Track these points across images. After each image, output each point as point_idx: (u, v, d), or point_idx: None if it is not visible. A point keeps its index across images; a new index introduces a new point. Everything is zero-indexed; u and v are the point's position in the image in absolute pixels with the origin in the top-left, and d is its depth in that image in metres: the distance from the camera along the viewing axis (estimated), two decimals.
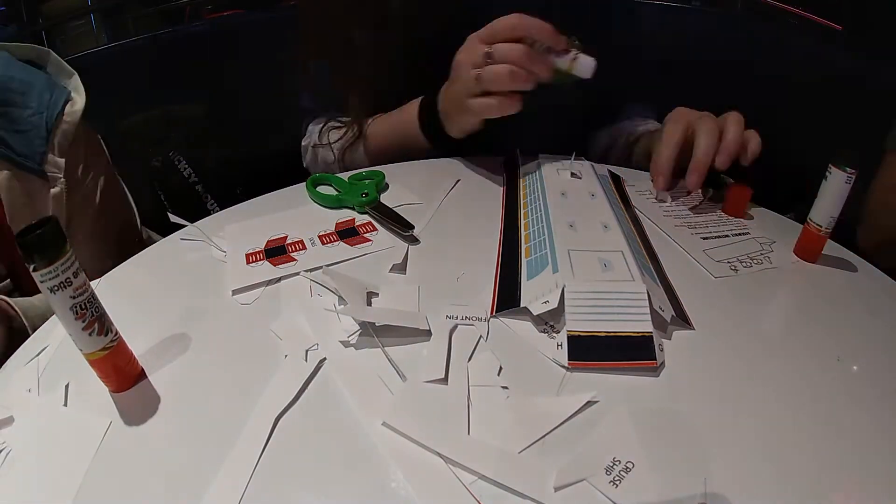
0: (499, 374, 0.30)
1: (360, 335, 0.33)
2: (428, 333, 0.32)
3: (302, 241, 0.42)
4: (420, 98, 0.57)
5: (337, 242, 0.42)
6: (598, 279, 0.33)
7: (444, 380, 0.30)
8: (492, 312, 0.34)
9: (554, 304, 0.32)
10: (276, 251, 0.41)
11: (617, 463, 0.25)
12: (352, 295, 0.35)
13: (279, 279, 0.38)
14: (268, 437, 0.27)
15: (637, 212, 0.46)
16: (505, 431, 0.27)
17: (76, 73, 0.51)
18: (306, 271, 0.39)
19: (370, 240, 0.42)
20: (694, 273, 0.39)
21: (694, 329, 0.33)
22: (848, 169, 0.36)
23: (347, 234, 0.43)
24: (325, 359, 0.31)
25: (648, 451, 0.26)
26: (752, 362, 0.31)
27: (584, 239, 0.37)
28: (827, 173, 0.37)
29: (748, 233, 0.43)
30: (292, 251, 0.41)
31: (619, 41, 0.56)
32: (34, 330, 0.36)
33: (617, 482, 0.25)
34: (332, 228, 0.43)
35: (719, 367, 0.31)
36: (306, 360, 0.31)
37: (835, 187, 0.37)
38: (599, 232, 0.38)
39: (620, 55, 0.51)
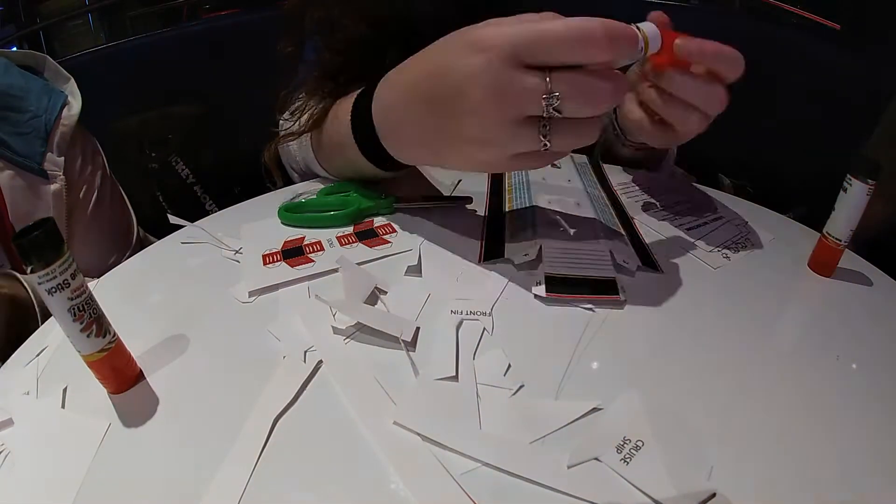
0: (505, 375, 0.30)
1: (357, 335, 0.33)
2: (412, 344, 0.32)
3: (320, 241, 0.41)
4: (355, 94, 0.41)
5: (356, 244, 0.41)
6: (571, 240, 0.39)
7: (455, 377, 0.30)
8: (479, 260, 0.39)
9: (532, 257, 0.37)
10: (294, 252, 0.40)
11: (627, 441, 0.26)
12: (353, 291, 0.35)
13: (298, 280, 0.37)
14: (266, 439, 0.27)
15: (617, 194, 0.49)
16: (512, 427, 0.27)
17: (72, 78, 0.52)
18: (322, 274, 0.38)
19: (389, 241, 0.41)
20: (693, 267, 0.39)
21: (663, 273, 0.38)
22: (869, 181, 0.34)
23: (366, 235, 0.42)
24: (322, 360, 0.31)
25: (658, 429, 0.27)
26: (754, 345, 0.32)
27: (560, 212, 0.42)
28: (846, 184, 0.35)
29: (721, 217, 0.46)
30: (310, 252, 0.40)
31: None
32: (41, 306, 0.36)
33: (627, 460, 0.25)
34: (351, 230, 0.43)
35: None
36: (304, 361, 0.31)
37: (854, 199, 0.35)
38: (572, 207, 0.43)
39: None
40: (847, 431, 0.28)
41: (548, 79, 0.27)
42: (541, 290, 0.35)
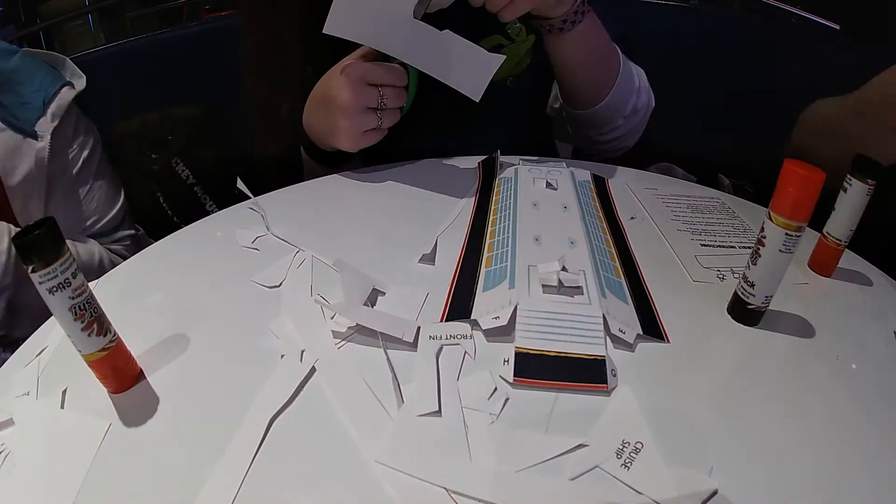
0: (489, 398, 0.29)
1: (355, 336, 0.33)
2: (412, 345, 0.32)
3: None
4: None
5: None
6: (555, 299, 0.33)
7: (438, 412, 0.28)
8: (442, 319, 0.34)
9: (503, 322, 0.31)
10: None
11: (626, 445, 0.26)
12: (352, 293, 0.35)
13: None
14: (262, 439, 0.27)
15: (620, 219, 0.45)
16: (496, 457, 0.26)
17: (84, 77, 0.62)
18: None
19: None
20: (674, 277, 0.38)
21: (669, 342, 0.33)
22: (869, 181, 0.34)
23: None
24: (318, 360, 0.31)
25: (656, 428, 0.27)
26: (734, 368, 0.32)
27: (548, 256, 0.36)
28: (846, 184, 0.35)
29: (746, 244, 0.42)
30: None
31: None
32: None
33: (628, 464, 0.25)
34: None
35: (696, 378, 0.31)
36: (301, 361, 0.31)
37: (854, 199, 0.35)
38: (565, 248, 0.37)
39: None
40: (847, 430, 0.28)
41: (379, 89, 0.47)
42: (508, 371, 0.29)
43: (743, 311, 0.33)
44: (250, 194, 0.47)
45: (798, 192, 0.29)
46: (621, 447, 0.26)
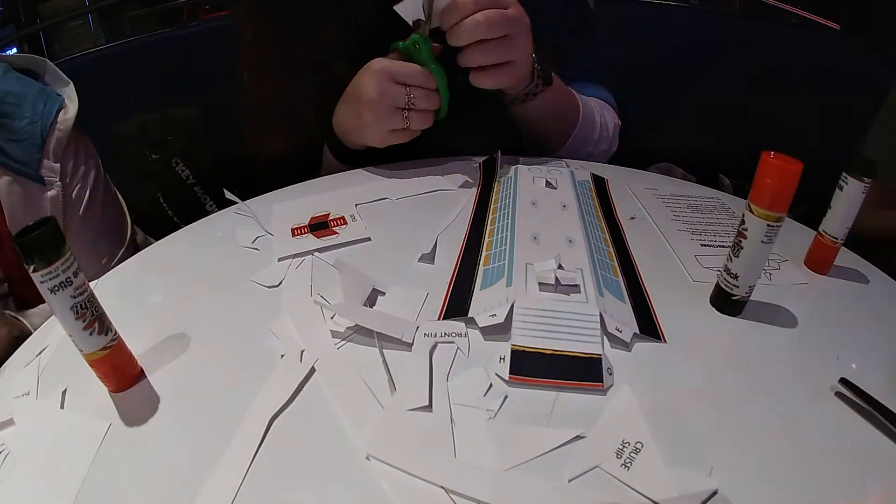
0: (485, 395, 0.29)
1: (355, 336, 0.33)
2: (409, 346, 0.32)
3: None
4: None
5: (307, 235, 0.43)
6: (552, 297, 0.33)
7: (429, 407, 0.28)
8: (440, 317, 0.34)
9: (500, 319, 0.31)
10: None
11: (626, 445, 0.26)
12: (351, 293, 0.35)
13: (323, 249, 0.41)
14: (261, 439, 0.27)
15: (619, 219, 0.45)
16: (490, 453, 0.26)
17: (71, 83, 0.53)
18: (318, 251, 0.40)
19: (337, 232, 0.43)
20: (674, 276, 0.38)
21: (665, 342, 0.32)
22: (865, 179, 0.34)
23: (318, 227, 0.44)
24: (318, 360, 0.31)
25: (656, 429, 0.27)
26: (727, 369, 0.32)
27: (546, 254, 0.36)
28: (842, 182, 0.35)
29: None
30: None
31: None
32: None
33: (628, 464, 0.25)
34: (307, 221, 0.45)
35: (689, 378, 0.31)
36: (301, 361, 0.31)
37: (850, 197, 0.35)
38: (563, 247, 0.38)
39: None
40: (847, 429, 0.28)
41: (407, 89, 0.47)
42: (504, 369, 0.29)
43: (727, 302, 0.34)
44: (238, 200, 0.46)
45: (776, 184, 0.30)
46: (621, 447, 0.26)
